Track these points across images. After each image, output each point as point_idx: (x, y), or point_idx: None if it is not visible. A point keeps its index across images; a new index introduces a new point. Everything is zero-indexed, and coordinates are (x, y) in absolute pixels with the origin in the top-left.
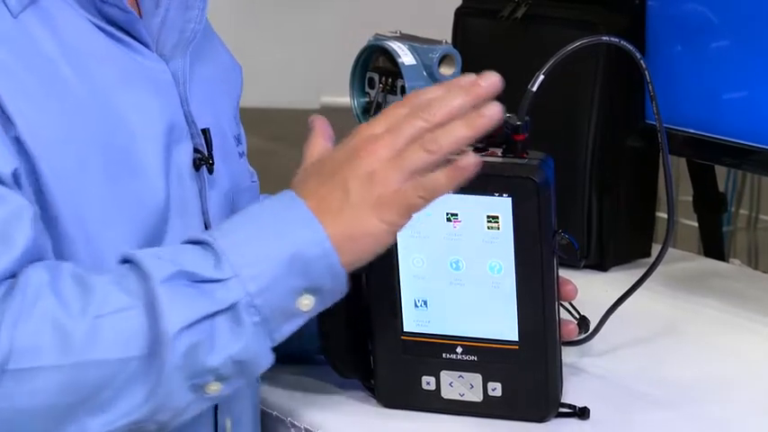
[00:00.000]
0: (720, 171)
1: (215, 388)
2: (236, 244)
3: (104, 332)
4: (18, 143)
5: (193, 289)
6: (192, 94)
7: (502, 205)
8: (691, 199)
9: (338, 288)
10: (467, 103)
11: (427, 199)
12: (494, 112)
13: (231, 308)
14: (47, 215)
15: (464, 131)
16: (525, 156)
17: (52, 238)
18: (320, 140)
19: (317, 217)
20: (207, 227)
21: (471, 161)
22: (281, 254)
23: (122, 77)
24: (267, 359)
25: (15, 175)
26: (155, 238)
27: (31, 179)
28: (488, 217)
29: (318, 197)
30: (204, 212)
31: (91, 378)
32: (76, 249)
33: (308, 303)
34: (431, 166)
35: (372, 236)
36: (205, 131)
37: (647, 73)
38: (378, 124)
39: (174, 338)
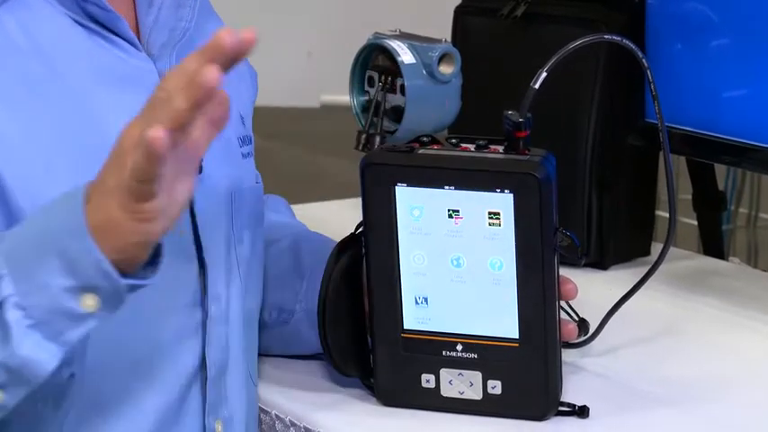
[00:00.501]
0: (720, 169)
1: None
2: (13, 242)
3: None
4: None
5: None
6: None
7: (503, 201)
8: (690, 197)
9: (115, 286)
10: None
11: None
12: (211, 75)
13: None
14: (10, 220)
15: (181, 100)
16: (527, 152)
17: None
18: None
19: (85, 214)
20: (196, 228)
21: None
22: (47, 251)
23: (101, 76)
24: (48, 364)
25: None
26: None
27: None
28: (490, 213)
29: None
30: (192, 214)
31: None
32: None
33: (91, 304)
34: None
35: (118, 224)
36: None
37: (648, 72)
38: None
39: None
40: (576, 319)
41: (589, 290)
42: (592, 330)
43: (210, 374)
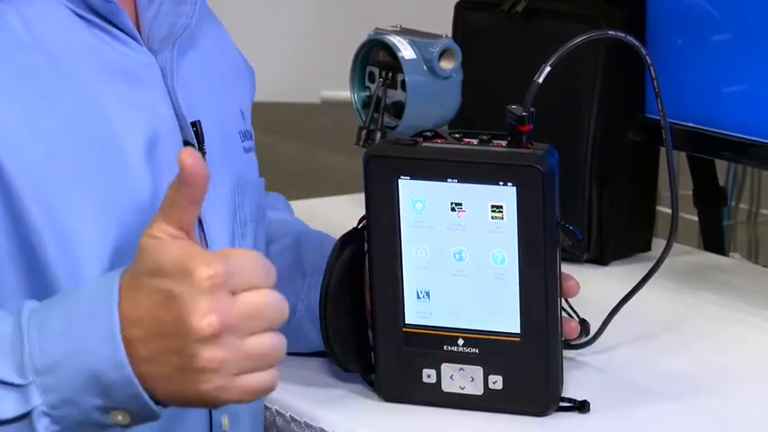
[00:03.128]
0: (720, 165)
1: None
2: (46, 339)
3: None
4: None
5: None
6: (182, 87)
7: (506, 194)
8: (691, 193)
9: (149, 415)
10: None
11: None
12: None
13: (26, 416)
14: (14, 211)
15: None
16: (530, 146)
17: (20, 233)
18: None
19: (128, 356)
20: (200, 221)
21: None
22: (81, 369)
23: (103, 70)
24: None
25: None
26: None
27: None
28: (492, 206)
29: (135, 322)
30: None
31: None
32: (46, 244)
33: (122, 419)
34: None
35: (180, 391)
36: (195, 124)
37: (651, 69)
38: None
39: None
40: (577, 319)
41: (590, 286)
42: (593, 331)
43: None
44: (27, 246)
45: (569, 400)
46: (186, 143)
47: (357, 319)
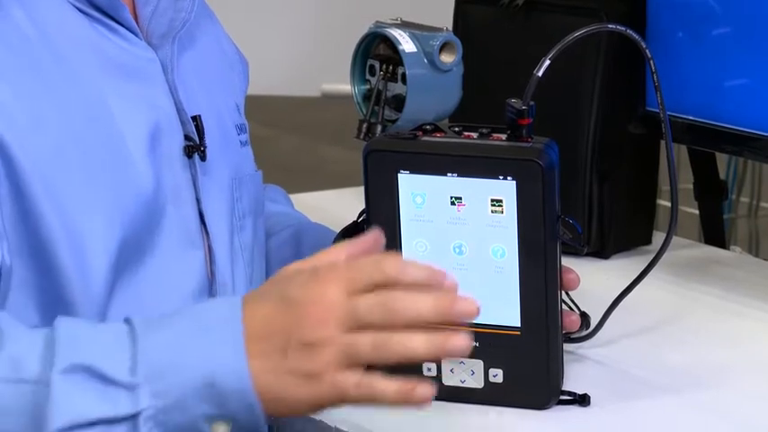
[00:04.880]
0: (721, 158)
1: None
2: (157, 346)
3: None
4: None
5: (96, 387)
6: (182, 82)
7: (506, 188)
8: (691, 186)
9: (255, 423)
10: (435, 314)
11: (361, 401)
12: (461, 345)
13: (132, 418)
14: (24, 204)
15: (421, 348)
16: (530, 140)
17: (30, 227)
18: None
19: (247, 355)
20: (202, 215)
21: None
22: (195, 376)
23: (106, 65)
24: None
25: None
26: (147, 226)
27: (8, 171)
28: (492, 200)
29: (260, 336)
30: (198, 200)
31: None
32: (56, 237)
33: (223, 430)
34: (371, 362)
35: (297, 402)
36: (196, 118)
37: (652, 63)
38: (338, 283)
39: None
40: (577, 312)
41: (590, 279)
42: (593, 324)
43: None
44: (37, 239)
45: (570, 393)
46: (187, 137)
47: None
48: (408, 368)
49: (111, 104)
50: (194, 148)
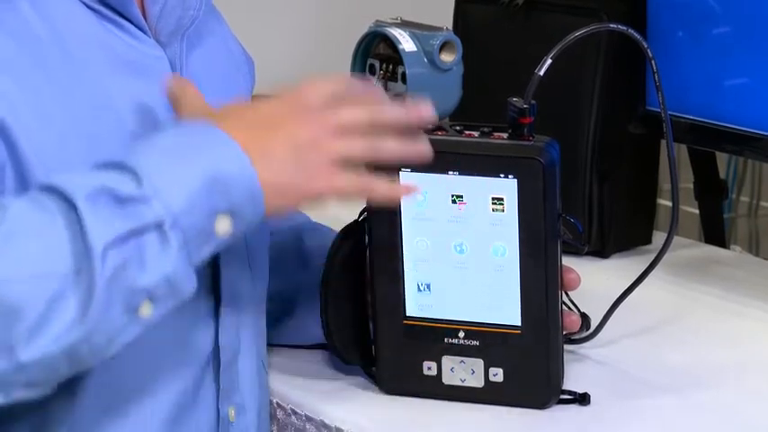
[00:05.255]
0: (721, 157)
1: (147, 311)
2: (155, 163)
3: (19, 249)
4: (2, 131)
5: (117, 205)
6: (190, 80)
7: (507, 187)
8: (691, 186)
9: (257, 214)
10: (404, 121)
11: (358, 194)
12: (424, 150)
13: (158, 226)
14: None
15: (397, 151)
16: (531, 139)
17: None
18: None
19: (246, 153)
20: None
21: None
22: (202, 173)
23: (114, 63)
24: (192, 282)
25: None
26: None
27: (14, 162)
28: (493, 199)
29: (251, 136)
30: None
31: (10, 298)
32: None
33: (224, 227)
34: (360, 162)
35: (296, 192)
36: None
37: (653, 63)
38: (316, 94)
39: (102, 254)
40: (578, 312)
41: (590, 279)
42: (593, 325)
43: (224, 360)
44: None
45: (570, 392)
46: None
47: (358, 312)
48: (408, 366)
49: (118, 101)
50: None
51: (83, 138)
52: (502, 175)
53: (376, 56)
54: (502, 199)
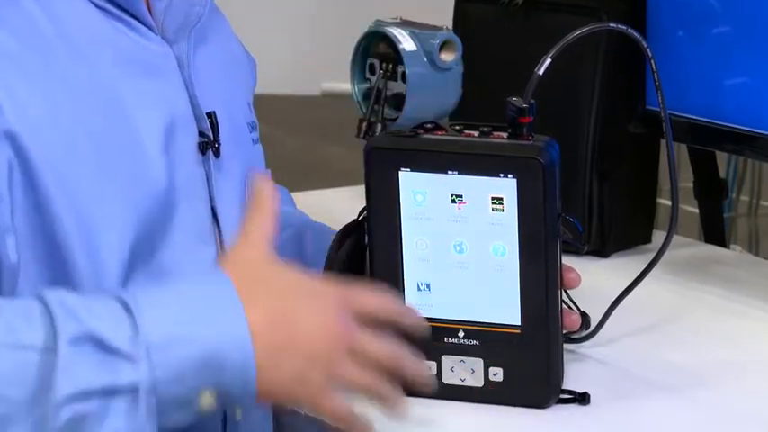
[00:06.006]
0: (721, 157)
1: None
2: (160, 318)
3: None
4: (8, 134)
5: (100, 355)
6: (197, 78)
7: (507, 186)
8: (691, 185)
9: (244, 399)
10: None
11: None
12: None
13: (132, 391)
14: (37, 198)
15: (397, 400)
16: (530, 138)
17: (42, 221)
18: (262, 217)
19: (253, 343)
20: (214, 212)
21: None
22: (202, 346)
23: (121, 61)
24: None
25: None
26: (161, 221)
27: (21, 162)
28: (493, 198)
29: (269, 324)
30: (211, 197)
31: None
32: (69, 232)
33: (207, 401)
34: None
35: (293, 404)
36: (210, 115)
37: (653, 62)
38: (358, 306)
39: (61, 403)
40: (578, 311)
41: (590, 278)
42: (593, 324)
43: None
44: (49, 234)
45: (570, 392)
46: (201, 134)
47: None
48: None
49: (126, 99)
50: (208, 144)
51: (92, 137)
52: (501, 175)
53: (376, 55)
54: (501, 199)
